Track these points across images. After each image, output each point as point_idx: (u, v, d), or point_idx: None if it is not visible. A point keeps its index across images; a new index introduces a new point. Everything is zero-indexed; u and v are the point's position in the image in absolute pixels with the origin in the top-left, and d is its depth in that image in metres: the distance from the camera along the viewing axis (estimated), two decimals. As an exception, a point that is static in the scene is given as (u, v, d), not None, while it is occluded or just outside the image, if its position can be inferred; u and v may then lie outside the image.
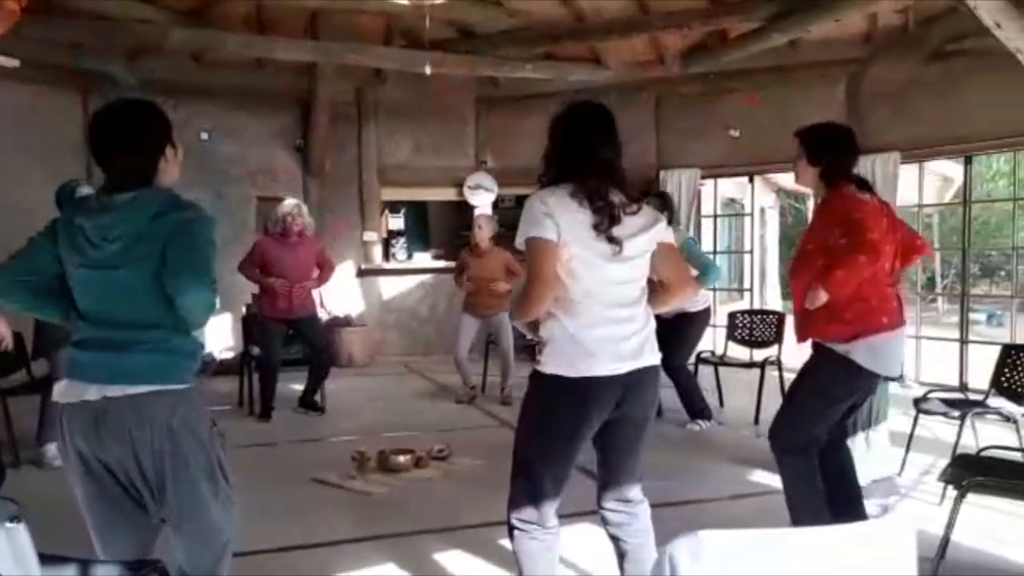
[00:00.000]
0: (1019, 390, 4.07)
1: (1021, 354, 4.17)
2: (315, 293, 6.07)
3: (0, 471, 3.33)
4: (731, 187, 10.29)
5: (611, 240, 2.20)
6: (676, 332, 5.11)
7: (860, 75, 7.17)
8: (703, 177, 8.32)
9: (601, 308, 2.23)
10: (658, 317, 2.41)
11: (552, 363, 2.25)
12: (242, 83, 8.13)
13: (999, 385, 4.15)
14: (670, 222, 5.28)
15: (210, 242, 1.93)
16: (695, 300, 5.12)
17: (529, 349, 7.47)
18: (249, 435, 5.26)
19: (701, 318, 5.50)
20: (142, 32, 6.51)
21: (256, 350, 6.14)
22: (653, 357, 2.34)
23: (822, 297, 2.84)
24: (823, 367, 2.95)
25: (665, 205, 4.96)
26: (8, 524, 1.48)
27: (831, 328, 2.89)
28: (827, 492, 2.95)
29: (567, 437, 2.27)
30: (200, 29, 6.93)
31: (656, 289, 2.39)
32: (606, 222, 2.19)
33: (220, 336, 7.76)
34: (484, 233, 6.27)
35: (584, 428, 2.28)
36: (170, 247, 1.88)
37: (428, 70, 6.70)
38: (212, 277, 1.90)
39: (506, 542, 3.27)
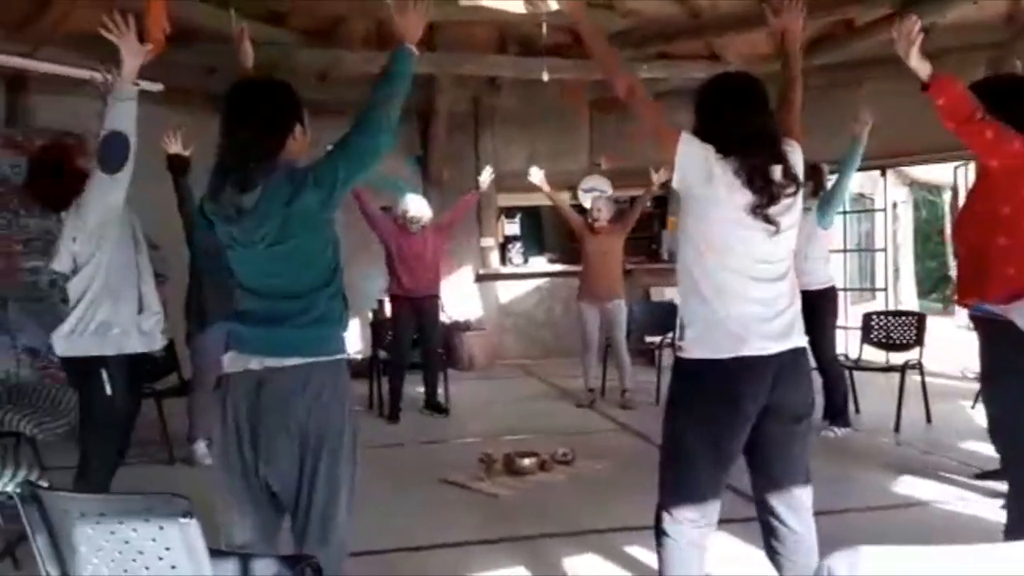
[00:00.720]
0: None
1: None
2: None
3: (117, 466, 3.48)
4: (861, 181, 9.80)
5: (767, 220, 2.08)
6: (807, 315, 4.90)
7: (1002, 61, 6.67)
8: (830, 172, 7.96)
9: (747, 286, 2.11)
10: None
11: (696, 347, 2.14)
12: (364, 98, 8.42)
13: None
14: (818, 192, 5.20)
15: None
16: (819, 278, 4.96)
17: (646, 353, 7.50)
18: (379, 436, 5.45)
19: (829, 297, 5.19)
20: (271, 54, 6.86)
21: (383, 353, 6.39)
22: (801, 339, 2.19)
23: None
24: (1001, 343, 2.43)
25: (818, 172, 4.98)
26: (182, 520, 1.60)
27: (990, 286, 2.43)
28: None
29: (721, 427, 2.13)
30: (324, 49, 7.24)
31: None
32: (765, 202, 2.07)
33: (349, 340, 8.08)
34: (604, 215, 6.33)
35: (738, 416, 2.12)
36: (317, 185, 1.98)
37: (545, 76, 6.74)
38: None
39: (633, 548, 3.29)
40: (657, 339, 6.93)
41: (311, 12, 7.02)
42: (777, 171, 2.11)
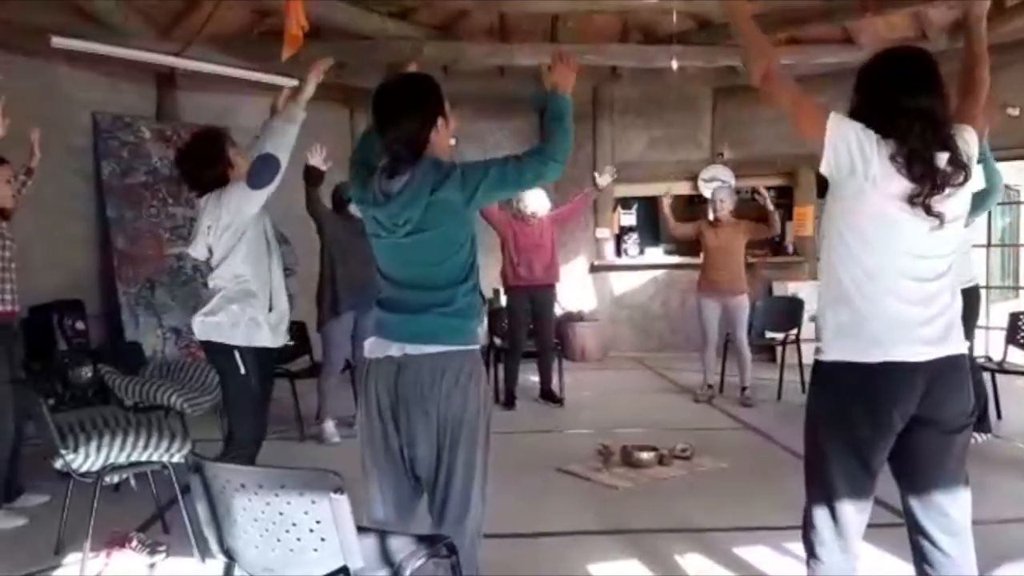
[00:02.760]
0: None
1: None
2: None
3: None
4: (1005, 171, 9.11)
5: (928, 211, 1.88)
6: None
7: None
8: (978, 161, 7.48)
9: (901, 284, 1.93)
10: None
11: (837, 348, 1.98)
12: (485, 90, 8.54)
13: None
14: None
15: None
16: (961, 276, 4.60)
17: (768, 349, 7.27)
18: (496, 423, 5.51)
19: (971, 297, 4.83)
20: (398, 48, 7.06)
21: (499, 341, 6.49)
22: (960, 344, 1.98)
23: None
24: None
25: None
26: (333, 495, 1.69)
27: None
28: None
29: (863, 437, 1.96)
30: (449, 42, 7.39)
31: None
32: (927, 191, 1.87)
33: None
34: (727, 205, 6.16)
35: (882, 426, 1.95)
36: (468, 187, 2.08)
37: (675, 65, 6.62)
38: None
39: (750, 551, 3.22)
40: (779, 335, 6.72)
41: (437, 7, 7.17)
42: (943, 158, 1.90)
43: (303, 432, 5.13)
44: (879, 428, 1.96)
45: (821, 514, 2.05)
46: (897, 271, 1.94)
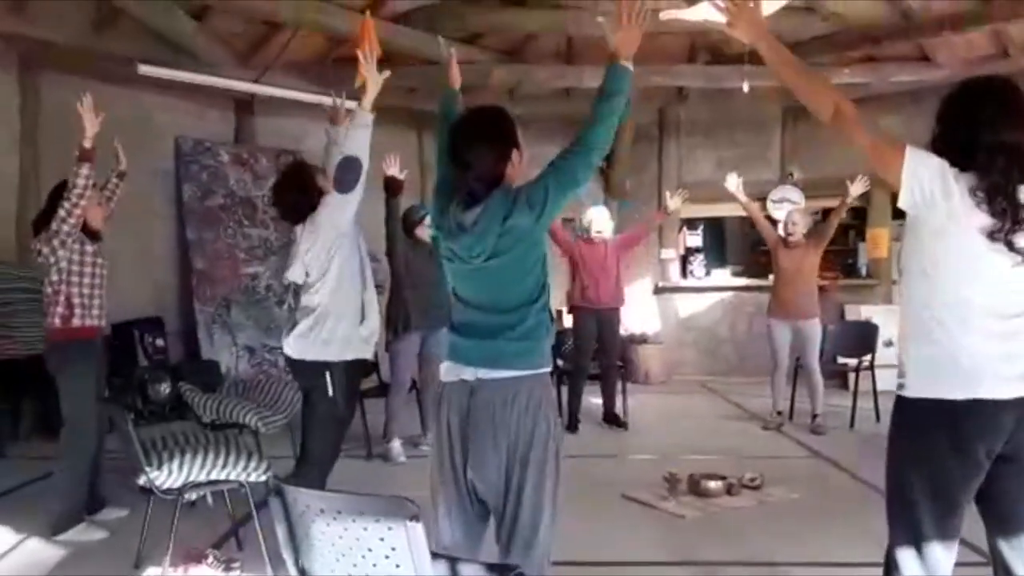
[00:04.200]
0: None
1: None
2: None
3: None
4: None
5: (1010, 247, 1.84)
6: None
7: None
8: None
9: (985, 319, 1.88)
10: None
11: (920, 384, 1.92)
12: (551, 112, 8.59)
13: None
14: None
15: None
16: None
17: (840, 375, 7.06)
18: (560, 446, 5.51)
19: None
20: (468, 72, 7.16)
21: (562, 362, 6.47)
22: None
23: None
24: None
25: None
26: (409, 522, 1.71)
27: None
28: None
29: (948, 478, 1.91)
30: (517, 65, 7.47)
31: None
32: (1008, 226, 1.83)
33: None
34: (799, 228, 6.05)
35: (967, 467, 1.90)
36: (533, 204, 2.09)
37: (746, 87, 6.54)
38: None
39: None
40: (852, 361, 6.52)
41: (505, 31, 7.26)
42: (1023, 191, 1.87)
43: (370, 451, 5.20)
44: (966, 466, 1.91)
45: (906, 555, 1.98)
46: (980, 306, 1.89)
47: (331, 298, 3.26)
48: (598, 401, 6.37)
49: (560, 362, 6.54)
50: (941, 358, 1.91)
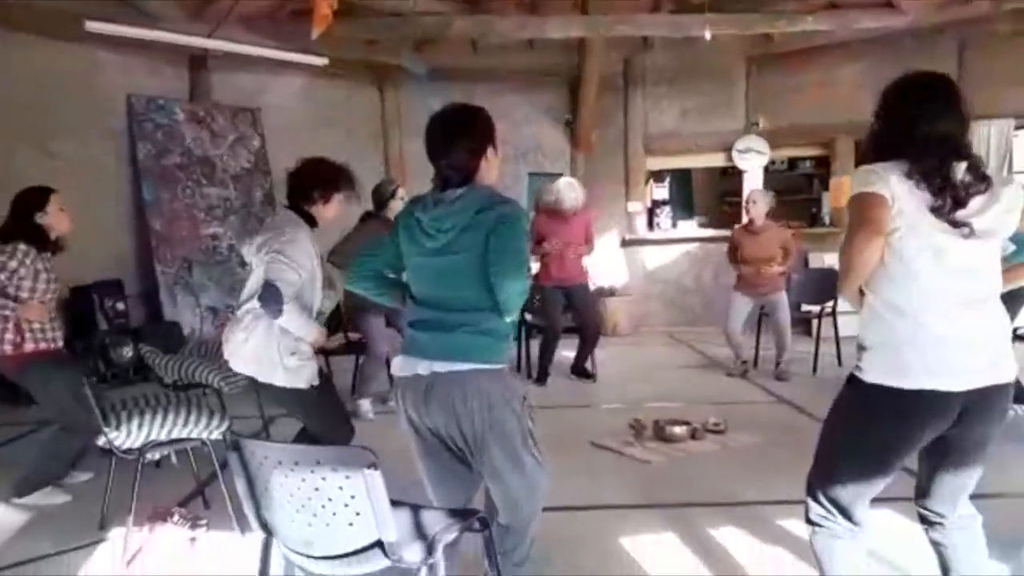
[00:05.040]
0: None
1: None
2: (585, 264, 6.23)
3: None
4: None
5: (955, 224, 1.89)
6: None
7: None
8: (1016, 128, 7.28)
9: (943, 307, 1.91)
10: None
11: (877, 370, 1.96)
12: (515, 64, 8.48)
13: None
14: None
15: (524, 233, 2.18)
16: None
17: (804, 322, 7.15)
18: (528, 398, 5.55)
19: None
20: (429, 24, 7.03)
21: (529, 316, 6.47)
22: (1008, 372, 1.97)
23: None
24: None
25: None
26: (367, 471, 1.71)
27: None
28: None
29: (886, 455, 2.00)
30: (479, 16, 7.33)
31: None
32: (948, 203, 1.89)
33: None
34: (759, 208, 6.00)
35: (907, 447, 2.00)
36: (492, 237, 2.10)
37: (708, 35, 6.48)
38: (528, 266, 2.16)
39: (785, 522, 3.20)
40: (815, 308, 6.62)
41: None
42: (960, 169, 1.92)
43: (339, 409, 5.19)
44: (905, 446, 2.00)
45: (827, 496, 2.09)
46: (941, 294, 1.92)
47: (267, 320, 2.97)
48: (568, 354, 6.41)
49: (528, 316, 6.54)
50: (895, 345, 1.94)
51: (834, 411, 2.11)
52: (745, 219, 6.18)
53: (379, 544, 1.81)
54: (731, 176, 9.56)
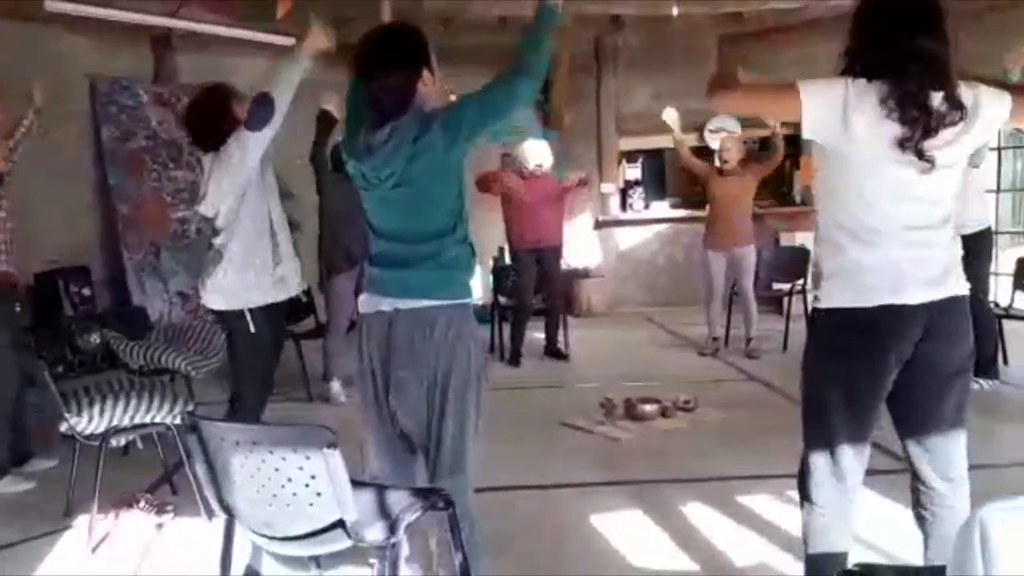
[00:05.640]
0: None
1: None
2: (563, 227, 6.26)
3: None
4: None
5: (920, 156, 1.83)
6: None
7: None
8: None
9: (895, 230, 1.89)
10: None
11: (834, 295, 1.96)
12: (487, 43, 8.39)
13: None
14: None
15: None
16: (973, 220, 4.51)
17: (775, 300, 7.23)
18: (501, 380, 5.56)
19: (983, 240, 4.72)
20: (400, 3, 6.92)
21: (505, 299, 6.50)
22: (960, 286, 1.96)
23: None
24: None
25: None
26: (326, 450, 1.70)
27: None
28: None
29: (859, 381, 1.96)
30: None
31: None
32: (918, 135, 1.81)
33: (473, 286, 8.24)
34: (732, 154, 6.07)
35: (878, 371, 1.94)
36: (446, 130, 2.02)
37: (675, 11, 6.47)
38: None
39: (753, 498, 3.25)
40: (786, 286, 6.69)
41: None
42: (937, 98, 1.83)
43: (310, 393, 5.17)
44: (876, 371, 1.96)
45: (818, 458, 2.05)
46: (889, 217, 1.91)
47: (241, 243, 3.11)
48: (542, 335, 6.42)
49: (503, 299, 6.58)
50: (852, 269, 1.94)
51: (805, 357, 2.09)
52: (718, 164, 6.22)
53: (341, 524, 1.80)
54: (704, 156, 9.56)
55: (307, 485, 1.76)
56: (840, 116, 1.86)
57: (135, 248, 6.55)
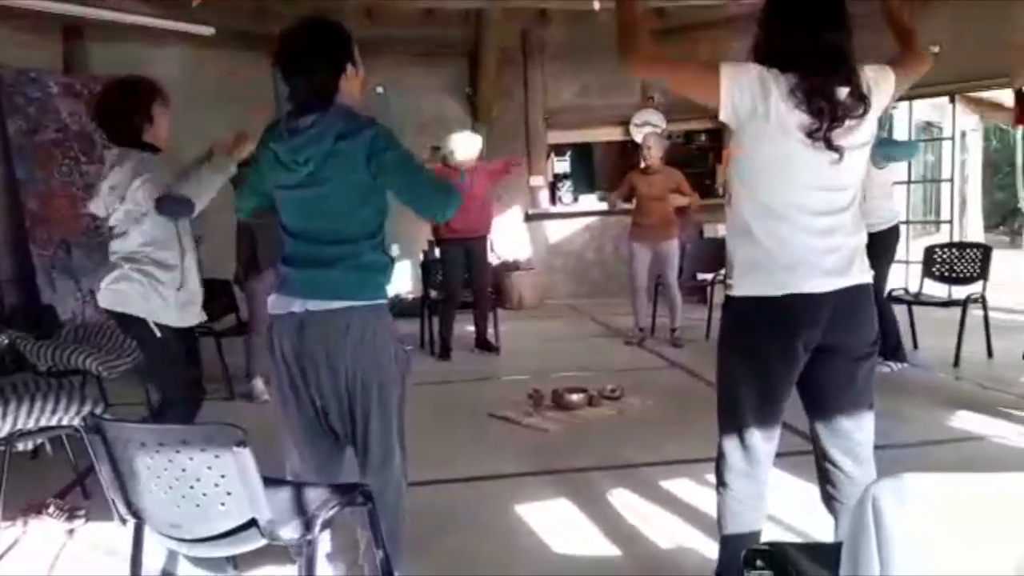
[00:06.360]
0: None
1: None
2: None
3: (198, 400, 3.38)
4: (927, 109, 9.36)
5: (828, 146, 1.88)
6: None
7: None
8: (896, 100, 7.65)
9: (803, 218, 1.94)
10: None
11: (745, 283, 2.00)
12: (413, 36, 8.32)
13: None
14: None
15: (401, 142, 2.10)
16: (880, 217, 4.73)
17: (698, 290, 7.41)
18: (431, 374, 5.54)
19: (889, 238, 4.93)
20: (322, -2, 6.78)
21: (434, 292, 6.46)
22: (864, 274, 2.01)
23: None
24: None
25: None
26: (236, 448, 1.66)
27: None
28: None
29: (769, 368, 2.01)
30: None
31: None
32: (826, 125, 1.87)
33: (400, 280, 8.17)
34: (654, 152, 6.16)
35: (787, 356, 1.99)
36: (375, 161, 2.02)
37: (596, 5, 6.52)
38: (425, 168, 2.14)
39: (677, 482, 3.31)
40: (709, 276, 6.85)
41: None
42: (843, 91, 1.90)
43: (232, 391, 5.04)
44: (786, 358, 2.01)
45: (731, 443, 2.10)
46: (798, 206, 1.95)
47: (142, 252, 2.92)
48: (472, 328, 6.41)
49: (432, 293, 6.54)
50: (762, 258, 1.98)
51: (719, 345, 2.13)
52: (643, 164, 6.32)
53: (254, 523, 1.75)
54: (632, 151, 9.71)
55: (217, 485, 1.72)
56: (755, 100, 1.90)
57: (44, 244, 6.26)
